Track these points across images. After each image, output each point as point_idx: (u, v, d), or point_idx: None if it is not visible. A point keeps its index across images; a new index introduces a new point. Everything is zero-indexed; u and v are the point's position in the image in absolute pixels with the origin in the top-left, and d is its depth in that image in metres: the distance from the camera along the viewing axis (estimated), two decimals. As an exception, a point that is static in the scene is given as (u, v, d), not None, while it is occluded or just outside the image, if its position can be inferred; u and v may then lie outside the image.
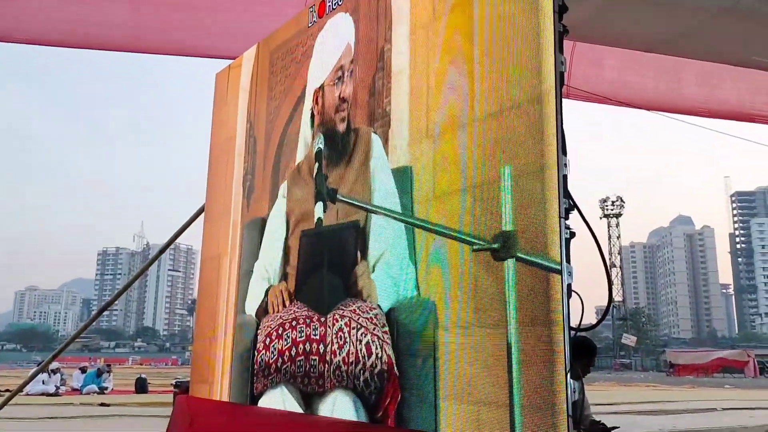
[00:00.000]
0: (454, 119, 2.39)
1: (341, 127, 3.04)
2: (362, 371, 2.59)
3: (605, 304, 2.27)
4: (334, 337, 2.76)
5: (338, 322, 2.76)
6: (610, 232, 71.59)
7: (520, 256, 2.01)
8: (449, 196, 2.35)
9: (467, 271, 2.21)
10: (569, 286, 1.89)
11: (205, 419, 3.70)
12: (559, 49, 2.03)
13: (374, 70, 2.88)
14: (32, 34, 4.51)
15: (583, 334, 2.55)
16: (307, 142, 3.27)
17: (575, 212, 2.01)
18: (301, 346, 2.92)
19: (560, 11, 2.06)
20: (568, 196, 1.96)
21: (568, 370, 1.82)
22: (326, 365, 2.77)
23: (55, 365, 14.34)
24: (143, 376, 18.18)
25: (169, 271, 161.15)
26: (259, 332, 3.25)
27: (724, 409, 13.40)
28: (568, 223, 1.95)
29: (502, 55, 2.21)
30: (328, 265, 2.94)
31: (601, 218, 71.82)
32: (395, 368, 2.47)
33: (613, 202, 72.39)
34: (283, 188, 3.39)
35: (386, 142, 2.74)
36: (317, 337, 2.85)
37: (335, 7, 3.23)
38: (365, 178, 2.82)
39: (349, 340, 2.68)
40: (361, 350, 2.62)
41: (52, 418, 9.70)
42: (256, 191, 3.67)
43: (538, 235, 1.97)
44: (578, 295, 2.00)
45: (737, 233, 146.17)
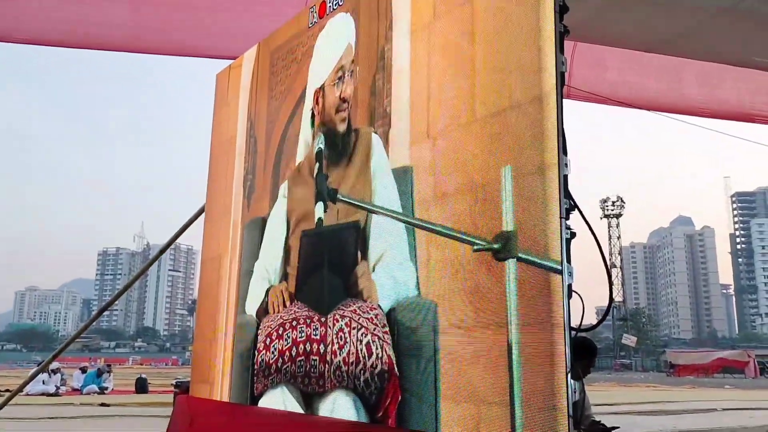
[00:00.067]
0: (454, 119, 2.39)
1: (342, 127, 3.04)
2: (363, 371, 2.59)
3: (605, 304, 2.27)
4: (334, 337, 2.76)
5: (339, 322, 2.76)
6: (610, 232, 71.57)
7: (520, 256, 2.01)
8: (450, 196, 2.35)
9: (468, 271, 2.20)
10: (570, 286, 1.89)
11: (205, 419, 3.70)
12: (559, 49, 2.02)
13: (375, 70, 2.88)
14: (32, 34, 4.51)
15: (583, 334, 2.55)
16: (307, 142, 3.27)
17: (576, 212, 2.01)
18: (301, 346, 2.92)
19: (561, 11, 2.06)
20: (568, 196, 1.96)
21: (568, 370, 1.81)
22: (327, 365, 2.77)
23: (55, 365, 14.34)
24: (143, 376, 18.19)
25: (169, 271, 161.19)
26: (259, 332, 3.25)
27: (724, 409, 13.40)
28: (568, 223, 1.95)
29: (502, 55, 2.21)
30: (328, 265, 2.94)
31: (601, 218, 71.83)
32: (396, 368, 2.47)
33: (613, 202, 72.38)
34: (283, 188, 3.39)
35: (387, 142, 2.74)
36: (318, 337, 2.84)
37: (336, 7, 3.23)
38: (366, 178, 2.81)
39: (349, 340, 2.68)
40: (361, 350, 2.62)
41: (52, 418, 9.70)
42: (256, 191, 3.67)
43: (538, 235, 1.97)
44: (579, 295, 2.00)
45: (737, 234, 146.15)
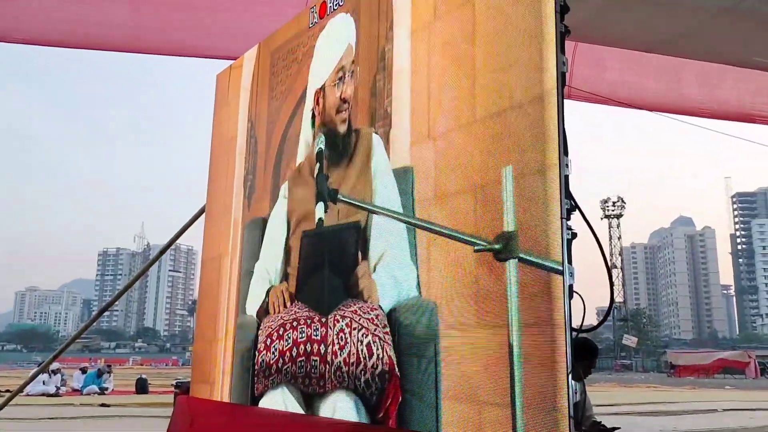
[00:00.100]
0: (455, 119, 2.39)
1: (342, 127, 3.03)
2: (363, 372, 2.59)
3: (606, 304, 2.27)
4: (335, 337, 2.75)
5: (339, 322, 2.75)
6: (611, 232, 71.50)
7: (521, 256, 2.01)
8: (450, 196, 2.34)
9: (468, 271, 2.20)
10: (571, 286, 1.89)
11: (205, 420, 3.70)
12: (560, 49, 2.02)
13: (375, 70, 2.88)
14: (32, 34, 4.52)
15: (584, 335, 2.55)
16: (308, 142, 3.27)
17: (577, 213, 2.01)
18: (302, 346, 2.92)
19: (562, 11, 2.06)
20: (569, 196, 1.96)
21: (569, 371, 1.81)
22: (327, 366, 2.76)
23: (55, 366, 14.33)
24: (144, 376, 18.16)
25: (169, 271, 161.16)
26: (259, 333, 3.25)
27: (725, 410, 13.38)
28: (569, 223, 1.95)
29: (503, 55, 2.20)
30: (329, 265, 2.93)
31: (602, 219, 71.74)
32: (396, 369, 2.46)
33: (614, 202, 72.29)
34: (284, 188, 3.39)
35: (387, 142, 2.74)
36: (318, 337, 2.84)
37: (336, 7, 3.23)
38: (366, 178, 2.81)
39: (350, 340, 2.68)
40: (362, 351, 2.62)
41: (52, 418, 9.69)
42: (257, 191, 3.67)
43: (539, 235, 1.96)
44: (580, 296, 1.99)
45: (738, 234, 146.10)
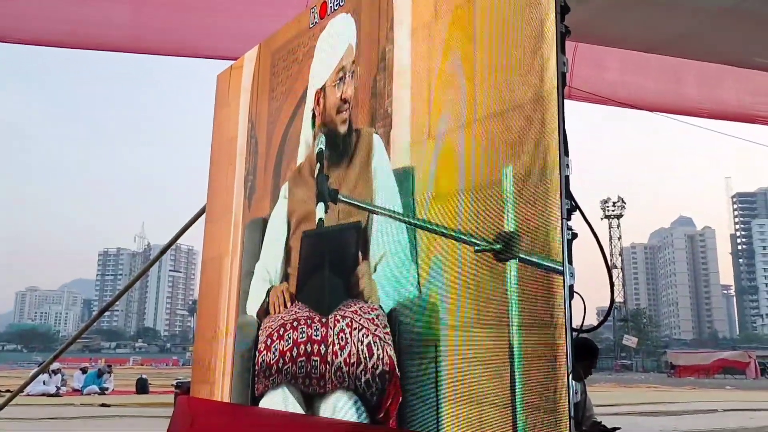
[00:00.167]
0: (455, 120, 2.39)
1: (342, 127, 3.04)
2: (363, 372, 2.59)
3: (606, 305, 2.27)
4: (335, 337, 2.76)
5: (339, 322, 2.75)
6: (611, 233, 71.42)
7: (521, 257, 2.01)
8: (451, 196, 2.35)
9: (469, 271, 2.20)
10: (571, 287, 1.89)
11: (205, 420, 3.70)
12: (561, 49, 2.03)
13: (376, 70, 2.88)
14: (33, 34, 4.52)
15: (584, 335, 2.55)
16: (308, 142, 3.27)
17: (577, 213, 2.01)
18: (302, 346, 2.92)
19: (562, 12, 2.07)
20: (570, 197, 1.96)
21: (570, 371, 1.81)
22: (327, 366, 2.76)
23: (55, 366, 14.33)
24: (144, 376, 18.17)
25: (170, 271, 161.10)
26: (260, 333, 3.25)
27: (725, 410, 13.38)
28: (569, 224, 1.95)
29: (503, 55, 2.21)
30: (329, 265, 2.94)
31: (602, 219, 71.63)
32: (397, 369, 2.47)
33: (614, 202, 72.19)
34: (284, 189, 3.39)
35: (388, 142, 2.74)
36: (318, 337, 2.84)
37: (337, 8, 3.23)
38: (367, 178, 2.81)
39: (350, 340, 2.68)
40: (362, 351, 2.62)
41: (52, 418, 9.69)
42: (257, 192, 3.67)
43: (540, 236, 1.96)
44: (580, 296, 1.99)
45: (738, 234, 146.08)
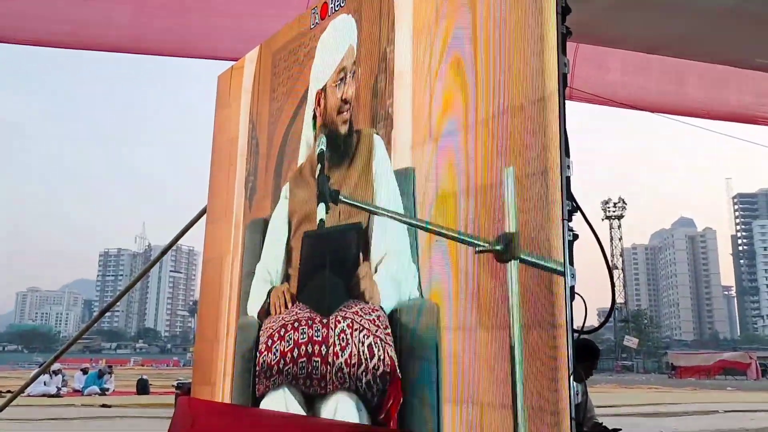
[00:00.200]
0: (456, 121, 2.39)
1: (343, 128, 3.04)
2: (364, 373, 2.59)
3: (607, 306, 2.27)
4: (336, 338, 2.75)
5: (340, 323, 2.75)
6: (612, 233, 71.32)
7: (522, 257, 2.01)
8: (452, 197, 2.34)
9: (470, 272, 2.20)
10: (572, 288, 1.89)
11: (206, 420, 3.70)
12: (562, 50, 2.02)
13: (377, 71, 2.88)
14: (33, 34, 4.52)
15: (585, 336, 2.54)
16: (309, 143, 3.27)
17: (578, 214, 2.01)
18: (303, 347, 2.92)
19: (563, 13, 2.06)
20: (570, 198, 1.96)
21: (571, 372, 1.81)
22: (328, 367, 2.76)
23: (56, 366, 14.32)
24: (144, 377, 18.17)
25: (170, 272, 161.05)
26: (260, 334, 3.24)
27: (726, 411, 13.37)
28: (570, 225, 1.95)
29: (504, 56, 2.21)
30: (330, 266, 2.93)
31: (602, 220, 71.52)
32: (398, 370, 2.46)
33: (615, 203, 72.10)
34: (285, 189, 3.39)
35: (389, 143, 2.74)
36: (319, 338, 2.84)
37: (337, 8, 3.23)
38: (367, 179, 2.81)
39: (351, 341, 2.68)
40: (363, 352, 2.62)
41: (53, 419, 9.69)
42: (258, 192, 3.67)
43: (540, 237, 1.96)
44: (581, 297, 1.99)
45: (739, 235, 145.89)
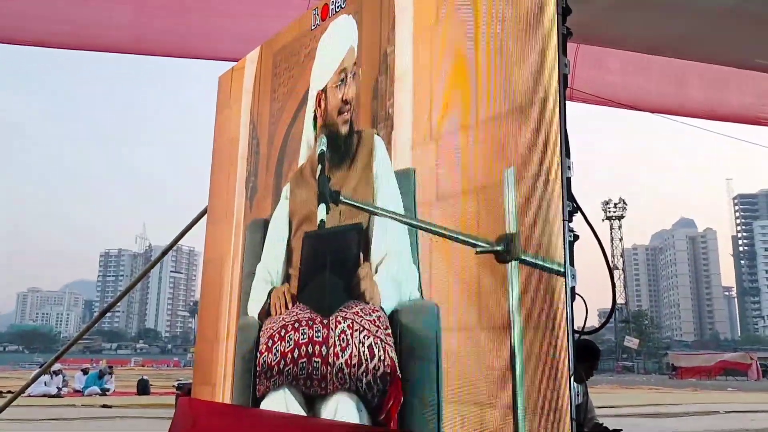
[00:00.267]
0: (457, 121, 2.39)
1: (344, 129, 3.04)
2: (365, 374, 2.59)
3: (607, 306, 2.27)
4: (336, 339, 2.75)
5: (341, 324, 2.75)
6: (612, 234, 71.28)
7: (523, 258, 2.01)
8: (452, 198, 2.34)
9: (470, 273, 2.20)
10: (573, 288, 1.89)
11: (207, 421, 3.70)
12: (562, 51, 2.02)
13: (377, 72, 2.88)
14: (34, 35, 4.53)
15: (586, 337, 2.54)
16: (309, 144, 3.27)
17: (578, 215, 2.01)
18: (303, 348, 2.92)
19: (564, 13, 2.06)
20: (571, 198, 1.96)
21: (571, 373, 1.81)
22: (329, 367, 2.76)
23: (57, 367, 14.32)
24: (145, 377, 18.18)
25: (171, 272, 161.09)
26: (261, 334, 3.25)
27: (726, 412, 13.36)
28: (571, 225, 1.95)
29: (505, 57, 2.21)
30: (330, 266, 2.94)
31: (603, 220, 71.48)
32: (398, 371, 2.46)
33: (615, 204, 72.06)
34: (285, 190, 3.39)
35: (389, 144, 2.74)
36: (320, 339, 2.84)
37: (338, 9, 3.24)
38: (368, 180, 2.81)
39: (351, 342, 2.68)
40: (363, 352, 2.62)
41: (54, 419, 9.70)
42: (258, 193, 3.67)
43: (541, 237, 1.96)
44: (582, 298, 1.99)
45: (740, 236, 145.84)
